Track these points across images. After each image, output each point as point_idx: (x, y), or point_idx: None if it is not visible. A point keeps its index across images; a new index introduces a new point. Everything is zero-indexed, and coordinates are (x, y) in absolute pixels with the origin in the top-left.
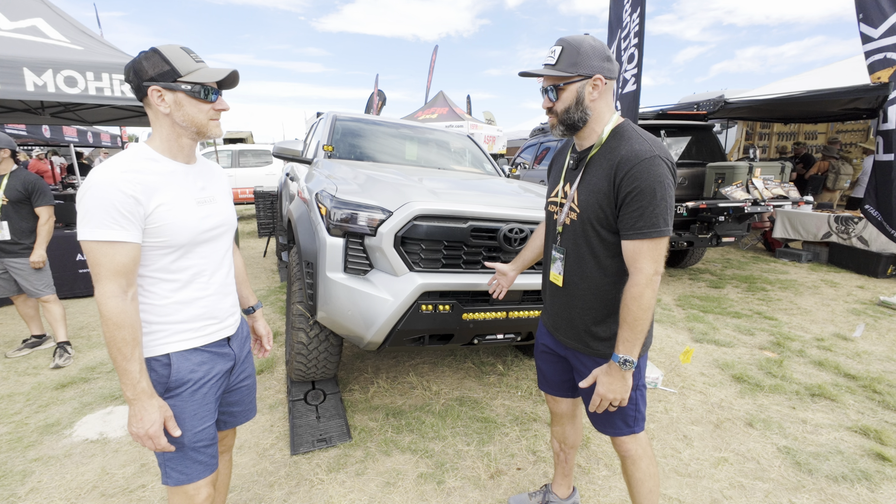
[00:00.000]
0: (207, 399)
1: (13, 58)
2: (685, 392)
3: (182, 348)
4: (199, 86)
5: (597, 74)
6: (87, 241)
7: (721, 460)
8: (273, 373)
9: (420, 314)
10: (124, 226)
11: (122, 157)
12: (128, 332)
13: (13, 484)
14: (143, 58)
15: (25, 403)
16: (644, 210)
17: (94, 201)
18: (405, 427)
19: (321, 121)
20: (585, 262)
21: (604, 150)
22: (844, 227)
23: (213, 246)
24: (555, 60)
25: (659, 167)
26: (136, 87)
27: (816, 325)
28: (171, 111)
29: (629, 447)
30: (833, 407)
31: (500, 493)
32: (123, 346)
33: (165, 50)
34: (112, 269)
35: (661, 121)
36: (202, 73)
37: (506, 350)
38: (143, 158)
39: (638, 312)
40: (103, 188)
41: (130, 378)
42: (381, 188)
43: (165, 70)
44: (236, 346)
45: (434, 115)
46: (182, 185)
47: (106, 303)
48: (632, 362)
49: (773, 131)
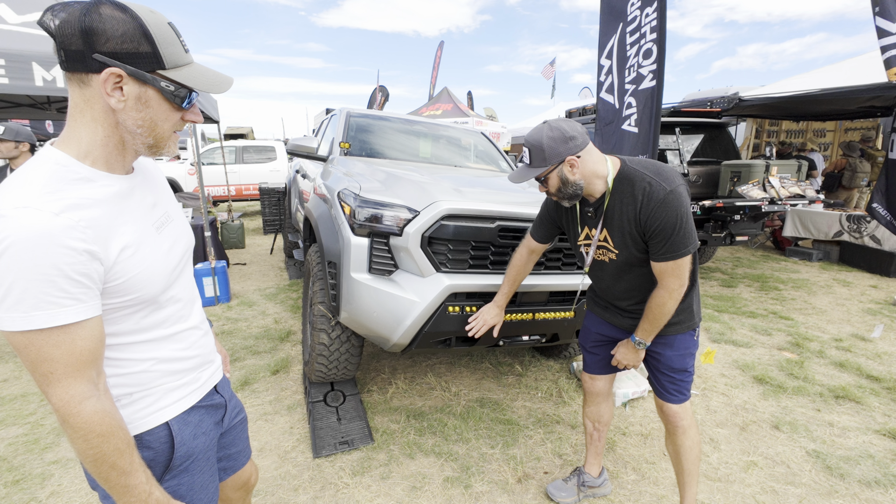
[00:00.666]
0: (211, 462)
1: (22, 52)
2: (707, 394)
3: (180, 411)
4: (185, 89)
5: (567, 157)
6: (24, 331)
7: (750, 464)
8: (289, 373)
9: (447, 316)
10: (79, 297)
11: (36, 181)
12: (119, 438)
13: (33, 487)
14: (109, 17)
15: (39, 404)
16: (667, 241)
17: (21, 269)
18: (427, 429)
19: (333, 117)
20: (639, 279)
21: (617, 196)
22: (856, 226)
23: (183, 280)
24: (528, 161)
25: (676, 200)
26: (76, 55)
27: (833, 326)
28: (124, 107)
29: (684, 417)
30: (858, 409)
31: (528, 498)
32: (119, 459)
33: (150, 22)
34: (73, 362)
35: (676, 118)
36: (196, 74)
37: (523, 351)
38: (72, 179)
39: (659, 315)
40: (34, 245)
41: (138, 494)
42: (405, 186)
43: (143, 52)
44: (222, 388)
45: (439, 112)
46: (134, 210)
47: (78, 411)
48: (645, 344)
49: (782, 129)
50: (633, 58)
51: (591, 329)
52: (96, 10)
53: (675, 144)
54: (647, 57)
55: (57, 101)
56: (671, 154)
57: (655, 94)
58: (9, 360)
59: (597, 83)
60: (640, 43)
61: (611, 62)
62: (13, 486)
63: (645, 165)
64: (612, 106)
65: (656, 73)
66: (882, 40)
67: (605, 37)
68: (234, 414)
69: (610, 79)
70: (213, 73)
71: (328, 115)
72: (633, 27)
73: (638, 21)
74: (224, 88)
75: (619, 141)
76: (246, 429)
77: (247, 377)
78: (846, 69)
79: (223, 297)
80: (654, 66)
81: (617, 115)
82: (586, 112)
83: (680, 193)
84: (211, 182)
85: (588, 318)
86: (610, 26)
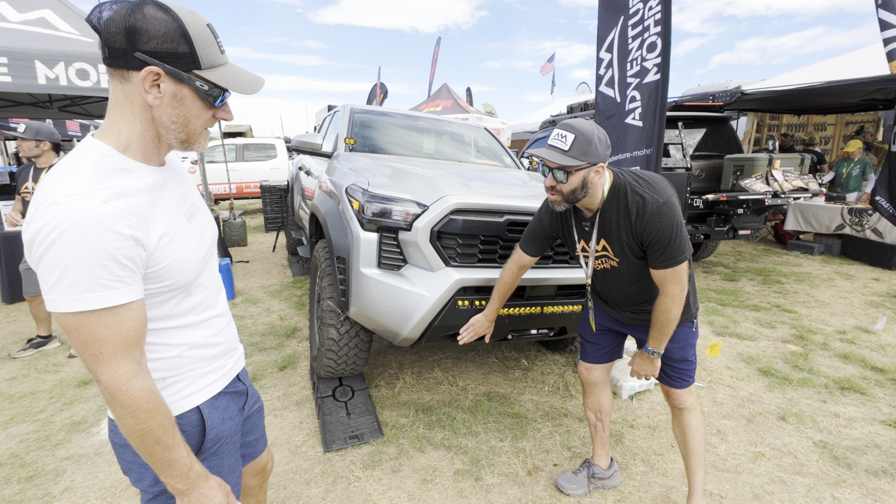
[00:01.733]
0: (237, 447)
1: (24, 50)
2: (713, 386)
3: (210, 395)
4: (219, 89)
5: (600, 163)
6: (76, 312)
7: (758, 455)
8: (296, 369)
9: (457, 310)
10: (126, 280)
11: (83, 170)
12: (163, 414)
13: (46, 483)
14: (152, 18)
15: (49, 401)
16: (664, 249)
17: (75, 253)
18: (436, 423)
19: (336, 114)
20: (644, 279)
21: (612, 208)
22: (858, 219)
23: (210, 269)
24: (567, 146)
25: (669, 211)
26: (119, 52)
27: (836, 318)
28: (160, 104)
29: (688, 399)
30: (864, 400)
31: (539, 490)
32: (163, 435)
33: (190, 24)
34: (121, 342)
35: (679, 112)
36: (230, 75)
37: (528, 345)
38: (116, 170)
39: (666, 322)
40: (87, 230)
41: (180, 468)
42: (413, 181)
43: (181, 52)
44: (243, 377)
45: (438, 108)
46: (168, 200)
47: (127, 388)
48: (658, 353)
49: (783, 123)
50: (636, 51)
51: (595, 321)
52: (140, 10)
53: (677, 138)
54: (652, 50)
55: (58, 100)
56: (674, 148)
57: (660, 88)
58: (17, 359)
59: (596, 77)
60: (644, 36)
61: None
62: (27, 482)
63: (637, 177)
64: (613, 100)
65: (661, 67)
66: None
67: (605, 30)
68: (252, 402)
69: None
70: (246, 75)
71: (330, 111)
72: (636, 20)
73: (641, 14)
74: (256, 89)
75: (622, 135)
76: (263, 417)
77: (254, 373)
78: (846, 62)
79: (228, 294)
80: (658, 60)
81: (619, 108)
82: (588, 107)
83: (673, 204)
84: (212, 180)
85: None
86: (610, 19)
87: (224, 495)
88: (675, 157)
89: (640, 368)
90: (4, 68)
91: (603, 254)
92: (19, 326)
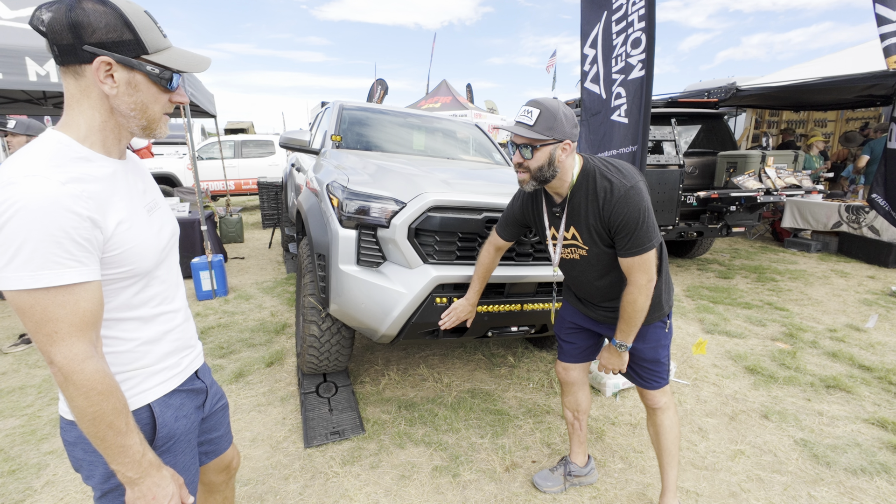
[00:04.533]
0: (192, 445)
1: (15, 47)
2: (698, 384)
3: (162, 393)
4: (169, 71)
5: (567, 139)
6: (31, 289)
7: (738, 453)
8: (283, 365)
9: (434, 307)
10: (82, 260)
11: (42, 155)
12: (117, 398)
13: (29, 477)
14: (93, 11)
15: (37, 396)
16: (631, 235)
17: (30, 230)
18: (418, 419)
19: (327, 110)
20: (613, 272)
21: (581, 192)
22: (855, 217)
23: (170, 263)
24: (532, 122)
25: (637, 196)
26: (68, 48)
27: (828, 316)
28: (117, 93)
29: (661, 399)
30: (849, 399)
31: (515, 486)
32: (116, 419)
33: (129, 12)
34: (76, 322)
35: (672, 109)
36: (176, 56)
37: (516, 342)
38: (74, 158)
39: (633, 313)
40: (43, 209)
41: (132, 455)
42: (393, 178)
43: (126, 39)
44: (203, 374)
45: (437, 105)
46: (128, 191)
47: (81, 369)
48: (626, 346)
49: (783, 119)
50: (621, 47)
51: (565, 318)
52: (79, 5)
53: (670, 135)
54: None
55: (53, 97)
56: (667, 145)
57: (645, 84)
58: (7, 354)
59: (581, 73)
60: (628, 32)
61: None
62: (9, 475)
63: (606, 163)
64: (599, 96)
65: (646, 63)
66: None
67: (589, 25)
68: (215, 400)
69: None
70: (191, 55)
71: (323, 107)
72: (619, 15)
73: (624, 9)
74: (203, 68)
75: (608, 131)
76: (227, 415)
77: (241, 369)
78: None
79: (220, 290)
80: (643, 56)
81: (605, 105)
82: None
83: (640, 189)
84: (210, 176)
85: (563, 307)
86: (593, 14)
87: (177, 486)
88: (668, 154)
89: (607, 362)
90: None
91: (572, 242)
92: (11, 322)
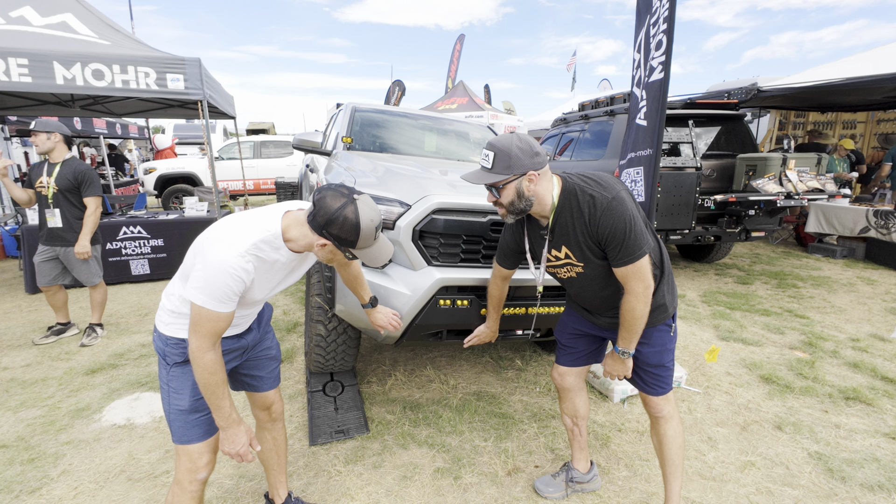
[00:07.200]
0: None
1: (44, 52)
2: (710, 392)
3: None
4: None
5: (529, 172)
6: (203, 307)
7: (748, 464)
8: (293, 363)
9: (438, 309)
10: (232, 302)
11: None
12: (220, 376)
13: (46, 465)
14: (344, 219)
15: (58, 388)
16: (621, 245)
17: (220, 281)
18: (422, 421)
19: (340, 112)
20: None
21: (565, 212)
22: (884, 222)
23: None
24: (490, 165)
25: (620, 206)
26: (317, 225)
27: (852, 325)
28: (317, 251)
29: (665, 407)
30: (869, 411)
31: (517, 491)
32: (217, 389)
33: (365, 228)
34: (213, 330)
35: (689, 110)
36: (368, 255)
37: (524, 345)
38: (273, 247)
39: (632, 320)
40: (230, 273)
41: (223, 412)
42: (399, 181)
43: (349, 240)
44: (250, 336)
45: (454, 105)
46: (280, 271)
47: (203, 356)
48: (629, 353)
49: (809, 120)
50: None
51: (567, 322)
52: (343, 210)
53: (687, 137)
54: (658, 48)
55: (80, 99)
56: (685, 147)
57: (663, 87)
58: (32, 347)
59: (631, 78)
60: (656, 35)
61: (640, 56)
62: (28, 464)
63: (584, 179)
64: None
65: (664, 65)
66: None
67: (637, 30)
68: (262, 348)
69: (639, 73)
70: (379, 252)
71: (337, 109)
72: (655, 19)
73: (658, 13)
74: (379, 264)
75: (634, 134)
76: (273, 364)
77: None
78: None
79: None
80: (663, 58)
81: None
82: (599, 105)
83: (623, 199)
84: (230, 176)
85: (567, 312)
86: (641, 19)
87: (248, 438)
88: (685, 156)
89: (611, 369)
90: (25, 69)
91: (567, 261)
92: (39, 315)
